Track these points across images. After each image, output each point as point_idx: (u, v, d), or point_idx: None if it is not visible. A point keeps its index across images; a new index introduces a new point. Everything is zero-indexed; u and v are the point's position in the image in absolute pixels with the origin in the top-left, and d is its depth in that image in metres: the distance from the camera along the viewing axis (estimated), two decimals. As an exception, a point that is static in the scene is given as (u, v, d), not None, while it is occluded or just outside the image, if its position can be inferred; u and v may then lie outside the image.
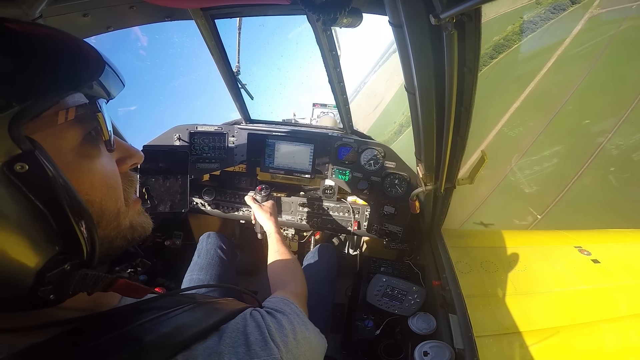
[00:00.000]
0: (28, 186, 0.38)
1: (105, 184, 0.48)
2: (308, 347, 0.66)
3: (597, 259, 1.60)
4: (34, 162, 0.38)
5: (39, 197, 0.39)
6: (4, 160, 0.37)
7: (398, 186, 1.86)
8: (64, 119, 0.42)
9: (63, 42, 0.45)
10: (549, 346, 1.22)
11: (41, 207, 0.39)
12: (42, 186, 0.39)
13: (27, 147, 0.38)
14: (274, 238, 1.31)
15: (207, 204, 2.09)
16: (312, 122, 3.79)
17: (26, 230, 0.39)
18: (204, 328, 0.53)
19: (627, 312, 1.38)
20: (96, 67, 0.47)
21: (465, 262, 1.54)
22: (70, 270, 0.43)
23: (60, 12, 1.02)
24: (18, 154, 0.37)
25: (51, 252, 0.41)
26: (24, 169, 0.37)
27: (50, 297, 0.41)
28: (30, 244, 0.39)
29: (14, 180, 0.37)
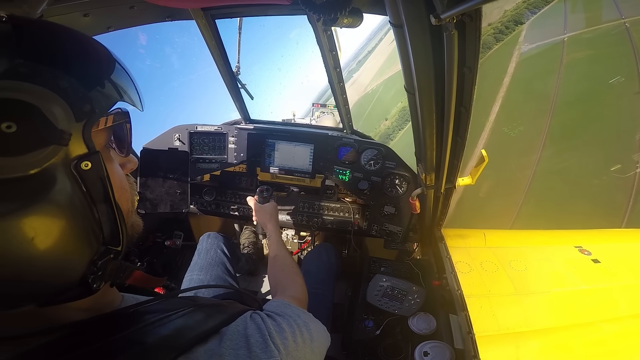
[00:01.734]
0: (86, 182, 0.43)
1: (120, 186, 0.53)
2: (309, 349, 0.67)
3: (597, 258, 1.60)
4: (96, 162, 0.44)
5: (92, 192, 0.44)
6: (75, 158, 0.42)
7: (398, 186, 1.86)
8: (104, 124, 0.49)
9: (109, 54, 0.51)
10: (549, 346, 1.22)
11: (93, 201, 0.45)
12: (96, 183, 0.45)
13: (93, 148, 0.44)
14: (274, 241, 1.31)
15: (207, 204, 2.09)
16: (312, 122, 3.79)
17: (83, 223, 0.44)
18: (205, 330, 0.54)
19: (627, 312, 1.38)
20: (130, 77, 0.53)
21: (465, 262, 1.54)
22: (112, 259, 0.48)
23: (60, 12, 1.02)
24: (85, 153, 0.43)
25: (99, 243, 0.46)
26: (88, 167, 0.43)
27: (94, 286, 0.46)
28: (86, 235, 0.45)
29: (76, 176, 0.42)
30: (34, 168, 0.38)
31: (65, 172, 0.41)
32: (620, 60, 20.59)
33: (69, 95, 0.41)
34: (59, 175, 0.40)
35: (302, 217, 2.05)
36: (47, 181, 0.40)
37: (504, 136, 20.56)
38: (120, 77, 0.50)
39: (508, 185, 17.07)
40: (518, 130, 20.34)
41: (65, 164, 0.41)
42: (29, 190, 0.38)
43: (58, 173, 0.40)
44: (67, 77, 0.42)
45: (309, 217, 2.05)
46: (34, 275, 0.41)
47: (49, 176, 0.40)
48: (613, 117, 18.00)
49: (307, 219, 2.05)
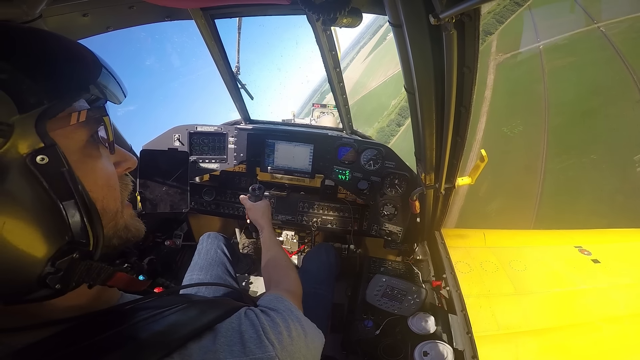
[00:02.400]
0: (46, 177, 0.42)
1: (106, 184, 0.51)
2: (303, 344, 0.67)
3: (597, 258, 1.60)
4: (54, 156, 0.43)
5: (54, 188, 0.43)
6: (28, 152, 0.41)
7: (398, 186, 1.86)
8: (75, 120, 0.47)
9: (74, 46, 0.49)
10: (549, 346, 1.22)
11: (55, 198, 0.43)
12: (58, 178, 0.43)
13: (49, 142, 0.42)
14: (267, 238, 1.31)
15: (207, 204, 2.09)
16: (312, 122, 3.79)
17: (41, 219, 0.42)
18: (199, 327, 0.54)
19: (627, 311, 1.38)
20: (97, 68, 0.50)
21: (465, 262, 1.54)
22: (78, 259, 0.46)
23: (60, 12, 1.02)
24: (40, 147, 0.41)
25: (61, 241, 0.44)
26: (44, 161, 0.41)
27: (56, 286, 0.44)
28: (44, 232, 0.42)
29: (33, 171, 0.41)
30: None
31: (18, 166, 0.40)
32: (607, 66, 19.28)
33: (8, 87, 0.39)
34: (10, 169, 0.39)
35: (302, 217, 2.05)
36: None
37: (497, 157, 17.64)
38: (83, 68, 0.48)
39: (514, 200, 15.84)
40: (512, 145, 18.39)
41: (15, 157, 0.40)
42: None
43: (8, 166, 0.39)
44: (9, 68, 0.40)
45: (309, 217, 2.04)
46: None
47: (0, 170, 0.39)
48: (617, 128, 16.37)
49: (307, 219, 2.05)
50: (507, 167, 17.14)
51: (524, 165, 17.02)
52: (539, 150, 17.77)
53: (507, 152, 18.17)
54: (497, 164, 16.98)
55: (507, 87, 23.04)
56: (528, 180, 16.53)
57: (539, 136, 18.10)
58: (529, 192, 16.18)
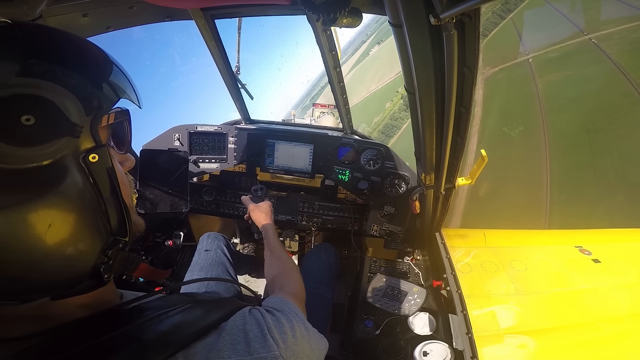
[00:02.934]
0: (94, 174, 0.46)
1: (122, 182, 0.54)
2: (307, 345, 0.67)
3: (597, 258, 1.60)
4: (103, 155, 0.47)
5: (100, 184, 0.47)
6: (84, 150, 0.45)
7: (398, 186, 1.86)
8: (106, 122, 0.51)
9: (108, 55, 0.54)
10: (549, 346, 1.22)
11: (101, 192, 0.47)
12: (104, 175, 0.47)
13: (100, 142, 0.47)
14: (270, 239, 1.31)
15: (207, 204, 2.09)
16: (312, 122, 3.79)
17: (93, 214, 0.46)
18: (203, 326, 0.54)
19: (627, 312, 1.38)
20: (124, 74, 0.55)
21: (466, 262, 1.54)
22: (120, 249, 0.51)
23: (60, 12, 1.02)
24: (93, 146, 0.46)
25: (108, 233, 0.49)
26: (95, 160, 0.46)
27: (105, 276, 0.48)
28: (96, 225, 0.47)
29: (84, 168, 0.45)
30: (48, 159, 0.41)
31: (75, 164, 0.44)
32: (608, 80, 16.02)
33: (78, 91, 0.44)
34: (70, 167, 0.43)
35: (302, 217, 2.05)
36: (59, 172, 0.42)
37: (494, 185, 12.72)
38: (118, 76, 0.53)
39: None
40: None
41: (76, 156, 0.44)
42: (42, 180, 0.41)
43: (69, 164, 0.43)
44: (75, 75, 0.45)
45: (309, 217, 2.04)
46: (49, 265, 0.43)
47: (61, 167, 0.42)
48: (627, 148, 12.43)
49: (307, 219, 2.05)
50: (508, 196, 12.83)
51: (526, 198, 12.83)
52: (542, 181, 13.30)
53: (505, 179, 13.47)
54: (495, 198, 12.68)
55: (499, 104, 19.58)
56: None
57: (540, 160, 14.37)
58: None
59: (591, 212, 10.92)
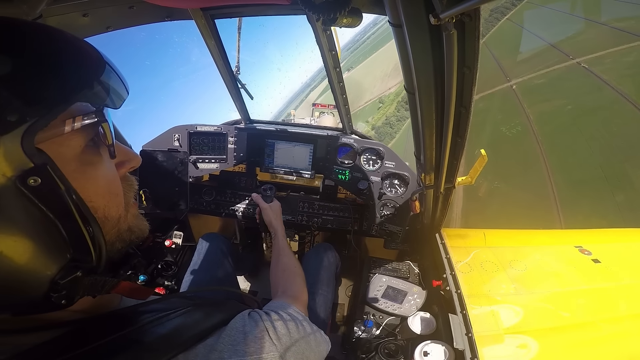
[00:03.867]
0: (40, 198, 0.38)
1: (108, 191, 0.48)
2: (307, 347, 0.67)
3: (597, 258, 1.60)
4: (46, 176, 0.38)
5: (50, 208, 0.39)
6: (17, 174, 0.36)
7: (398, 186, 1.86)
8: (70, 127, 0.42)
9: (67, 43, 0.43)
10: (549, 346, 1.22)
11: (52, 217, 0.40)
12: (53, 198, 0.39)
13: (39, 161, 0.38)
14: (279, 241, 1.31)
15: (207, 204, 2.09)
16: (312, 122, 3.79)
17: (40, 241, 0.39)
18: (203, 329, 0.54)
19: (627, 312, 1.38)
20: (97, 67, 0.45)
21: (465, 262, 1.54)
22: (82, 276, 0.44)
23: (60, 12, 1.02)
24: (30, 167, 0.37)
25: (63, 260, 0.42)
26: (37, 183, 0.37)
27: (62, 302, 0.42)
28: (44, 253, 0.40)
29: (26, 193, 0.37)
30: None
31: (8, 190, 0.36)
32: (614, 110, 12.75)
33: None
34: (2, 194, 0.36)
35: (302, 217, 2.05)
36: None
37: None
38: (74, 70, 0.42)
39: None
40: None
41: (3, 182, 0.36)
42: None
43: (2, 191, 0.36)
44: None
45: (309, 217, 2.04)
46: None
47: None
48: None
49: (307, 219, 2.05)
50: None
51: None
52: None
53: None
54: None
55: (487, 138, 15.05)
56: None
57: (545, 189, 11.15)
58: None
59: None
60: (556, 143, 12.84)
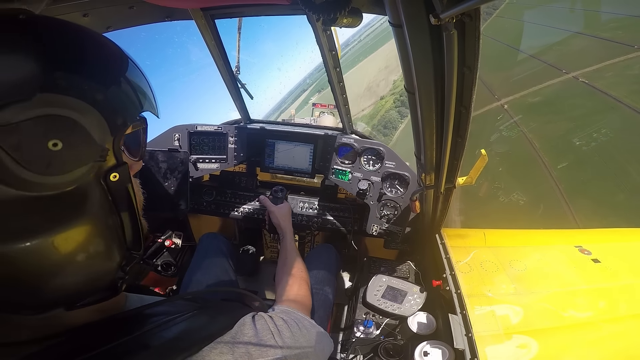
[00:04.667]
0: (113, 192, 0.44)
1: (137, 190, 0.53)
2: (311, 350, 0.69)
3: (597, 258, 1.60)
4: (124, 173, 0.45)
5: (119, 202, 0.45)
6: (105, 170, 0.43)
7: (398, 186, 1.86)
8: (130, 131, 0.49)
9: (134, 63, 0.51)
10: (549, 346, 1.22)
11: (118, 210, 0.45)
12: (122, 193, 0.46)
13: (121, 160, 0.45)
14: (287, 243, 1.31)
15: (207, 204, 2.09)
16: (312, 122, 3.79)
17: (112, 231, 0.46)
18: (209, 333, 0.55)
19: (628, 312, 1.38)
20: (148, 86, 0.52)
21: (465, 262, 1.54)
22: (137, 262, 0.51)
23: (60, 12, 1.02)
24: (114, 164, 0.44)
25: (124, 249, 0.48)
26: (116, 179, 0.44)
27: (123, 288, 0.49)
28: (114, 242, 0.46)
29: (104, 187, 0.43)
30: (72, 185, 0.39)
31: (97, 185, 0.42)
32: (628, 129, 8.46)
33: (105, 109, 0.40)
34: (92, 189, 0.42)
35: (302, 217, 2.05)
36: (82, 196, 0.41)
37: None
38: (142, 87, 0.49)
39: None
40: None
41: (98, 176, 0.42)
42: (64, 206, 0.39)
43: (92, 187, 0.41)
44: (103, 89, 0.41)
45: (309, 217, 2.04)
46: (69, 282, 0.42)
47: (85, 190, 0.41)
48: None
49: (307, 219, 2.05)
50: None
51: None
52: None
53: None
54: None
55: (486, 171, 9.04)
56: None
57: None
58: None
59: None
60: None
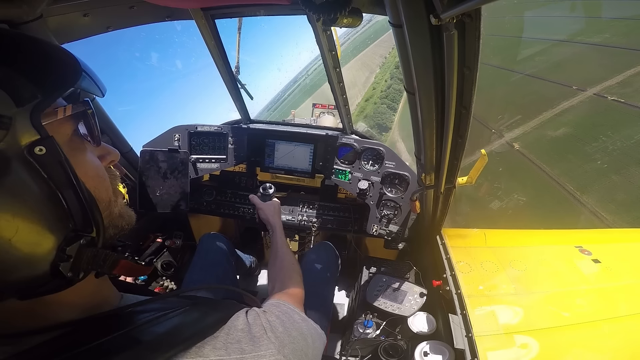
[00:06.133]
0: (44, 168, 0.43)
1: (95, 174, 0.53)
2: (305, 343, 0.68)
3: (597, 258, 1.60)
4: (51, 146, 0.44)
5: (53, 177, 0.44)
6: (26, 143, 0.42)
7: (398, 186, 1.86)
8: (62, 114, 0.49)
9: (58, 48, 0.52)
10: (549, 346, 1.22)
11: (54, 187, 0.45)
12: (56, 168, 0.45)
13: (45, 134, 0.44)
14: (277, 238, 1.31)
15: (207, 204, 2.09)
16: (312, 122, 3.79)
17: (45, 209, 0.44)
18: (202, 328, 0.55)
19: (628, 312, 1.38)
20: (79, 66, 0.52)
21: (465, 262, 1.54)
22: (85, 245, 0.48)
23: (60, 12, 1.02)
24: (37, 138, 0.43)
25: (66, 229, 0.46)
26: (42, 152, 0.43)
27: (68, 274, 0.46)
28: (50, 222, 0.44)
29: (32, 162, 0.42)
30: None
31: (18, 158, 0.41)
32: None
33: (4, 83, 0.42)
34: (11, 161, 0.41)
35: (302, 217, 2.05)
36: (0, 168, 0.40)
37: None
38: (68, 66, 0.51)
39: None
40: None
41: (16, 149, 0.41)
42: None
43: (9, 158, 0.41)
44: (3, 68, 0.43)
45: (309, 217, 2.05)
46: (6, 265, 0.41)
47: (2, 163, 0.40)
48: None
49: (307, 219, 2.05)
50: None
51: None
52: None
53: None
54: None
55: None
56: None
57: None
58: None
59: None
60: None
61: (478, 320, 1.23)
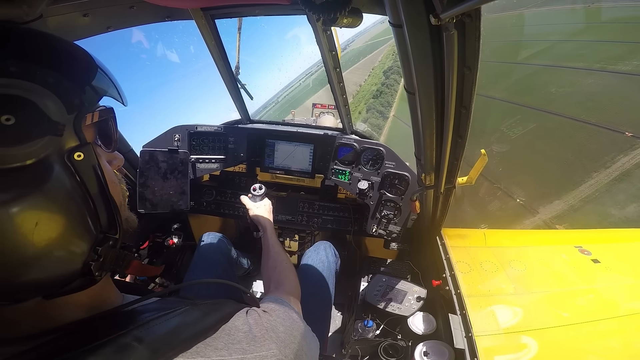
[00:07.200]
0: (80, 172, 0.46)
1: (110, 179, 0.54)
2: (304, 343, 0.68)
3: (597, 258, 1.60)
4: (88, 152, 0.47)
5: (87, 182, 0.47)
6: (68, 148, 0.45)
7: (398, 186, 1.86)
8: (90, 120, 0.52)
9: (92, 57, 0.55)
10: (549, 346, 1.22)
11: (88, 191, 0.47)
12: (90, 173, 0.47)
13: (84, 140, 0.47)
14: (268, 237, 1.32)
15: (207, 204, 2.09)
16: (312, 122, 3.79)
17: (80, 211, 0.46)
18: (203, 328, 0.55)
19: (628, 311, 1.38)
20: (109, 78, 0.56)
21: (465, 262, 1.54)
22: (112, 246, 0.51)
23: (60, 12, 1.02)
24: (77, 144, 0.46)
25: (97, 231, 0.49)
26: (80, 158, 0.46)
27: (97, 274, 0.49)
28: (84, 223, 0.47)
29: (70, 167, 0.45)
30: (31, 158, 0.41)
31: (60, 163, 0.44)
32: None
33: (58, 90, 0.44)
34: (55, 166, 0.43)
35: (302, 217, 2.05)
36: (44, 171, 0.42)
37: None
38: (100, 76, 0.54)
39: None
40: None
41: (60, 154, 0.44)
42: (27, 180, 0.40)
43: (54, 163, 0.43)
44: (55, 74, 0.45)
45: (309, 217, 2.04)
46: (38, 264, 0.42)
47: (45, 166, 0.42)
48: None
49: (307, 219, 2.05)
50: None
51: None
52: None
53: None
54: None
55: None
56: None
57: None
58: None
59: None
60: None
61: (478, 320, 1.23)
